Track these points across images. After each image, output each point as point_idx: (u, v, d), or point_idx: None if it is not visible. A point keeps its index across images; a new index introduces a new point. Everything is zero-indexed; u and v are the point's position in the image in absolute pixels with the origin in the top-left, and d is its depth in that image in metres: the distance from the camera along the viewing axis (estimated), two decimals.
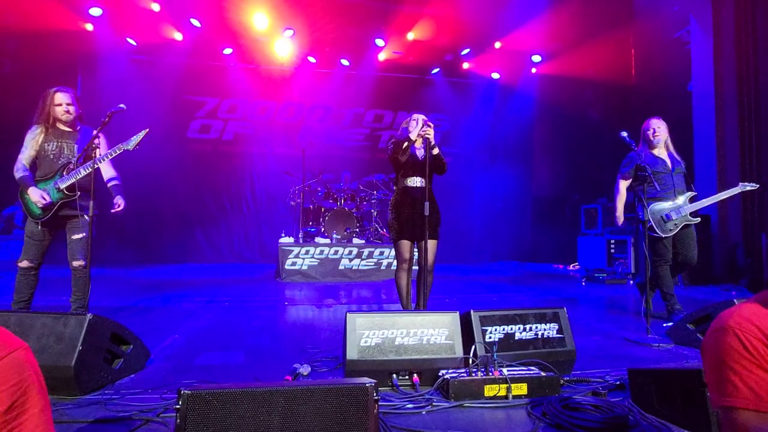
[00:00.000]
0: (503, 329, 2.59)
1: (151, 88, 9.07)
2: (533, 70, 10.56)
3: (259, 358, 2.97)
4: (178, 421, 1.41)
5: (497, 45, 9.93)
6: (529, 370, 2.38)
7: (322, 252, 7.01)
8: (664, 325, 3.76)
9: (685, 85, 7.99)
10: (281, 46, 9.47)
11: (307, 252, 6.96)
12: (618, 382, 2.44)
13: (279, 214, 9.86)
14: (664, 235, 3.99)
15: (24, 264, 3.32)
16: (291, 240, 7.28)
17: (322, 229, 7.58)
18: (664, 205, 4.01)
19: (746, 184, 4.10)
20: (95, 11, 8.41)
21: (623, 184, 4.22)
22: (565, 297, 5.74)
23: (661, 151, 4.13)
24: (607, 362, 2.92)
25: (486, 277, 8.08)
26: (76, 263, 3.42)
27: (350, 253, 7.09)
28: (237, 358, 2.97)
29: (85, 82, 9.20)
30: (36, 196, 3.26)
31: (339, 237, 7.41)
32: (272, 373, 2.65)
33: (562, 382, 2.42)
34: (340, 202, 7.88)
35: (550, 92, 10.35)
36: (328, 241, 7.25)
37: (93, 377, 2.32)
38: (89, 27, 8.66)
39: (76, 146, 3.44)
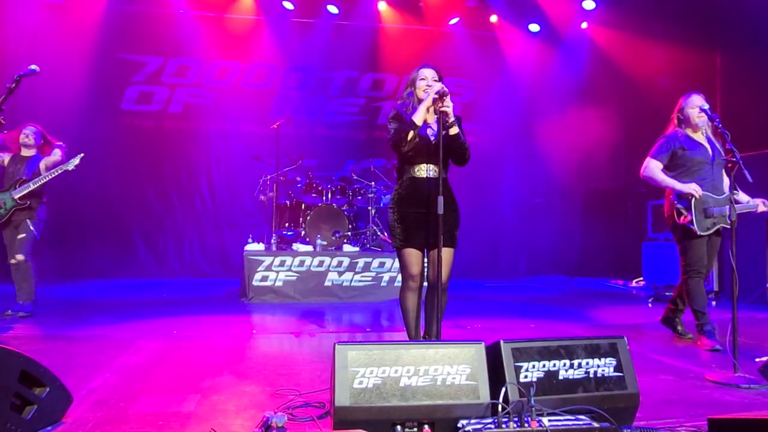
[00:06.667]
0: (543, 366, 2.61)
1: (72, 43, 9.06)
2: (584, 25, 10.54)
3: (218, 405, 2.99)
4: None
5: None
6: (577, 419, 2.40)
7: (302, 263, 7.04)
8: (757, 360, 3.77)
9: None
10: None
11: (282, 263, 6.98)
12: None
13: (245, 212, 9.86)
14: (701, 233, 4.25)
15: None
16: (261, 247, 7.30)
17: (303, 232, 7.60)
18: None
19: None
20: None
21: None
22: (626, 323, 5.75)
23: (699, 136, 4.54)
24: (681, 409, 2.95)
25: (520, 296, 8.08)
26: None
27: (340, 264, 7.11)
28: (188, 404, 3.00)
29: None
30: None
31: (325, 243, 7.43)
32: (236, 424, 2.68)
33: None
34: (327, 197, 7.90)
35: (608, 51, 10.33)
36: (310, 248, 7.28)
37: None
38: None
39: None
